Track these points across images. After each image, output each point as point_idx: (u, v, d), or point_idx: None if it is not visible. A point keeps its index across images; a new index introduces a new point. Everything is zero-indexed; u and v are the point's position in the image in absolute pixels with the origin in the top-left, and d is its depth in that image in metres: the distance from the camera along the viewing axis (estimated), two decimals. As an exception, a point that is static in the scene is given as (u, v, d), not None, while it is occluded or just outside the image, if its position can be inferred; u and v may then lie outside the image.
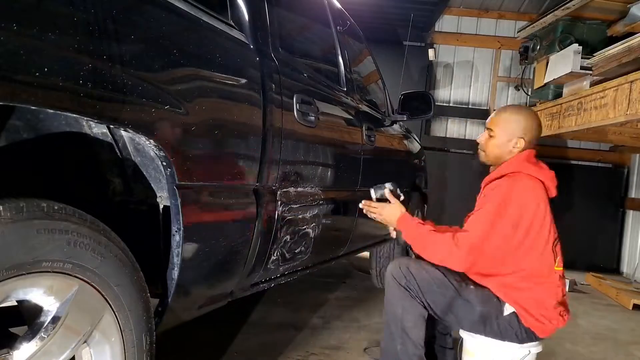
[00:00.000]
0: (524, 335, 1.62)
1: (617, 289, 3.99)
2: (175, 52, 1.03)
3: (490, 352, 1.69)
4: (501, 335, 1.64)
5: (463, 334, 1.76)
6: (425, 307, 1.67)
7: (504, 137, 1.69)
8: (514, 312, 1.61)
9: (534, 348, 1.68)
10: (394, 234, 1.77)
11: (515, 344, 1.64)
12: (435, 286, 1.64)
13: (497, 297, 1.63)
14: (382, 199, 1.71)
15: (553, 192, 1.69)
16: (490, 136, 1.73)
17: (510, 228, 1.56)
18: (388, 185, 1.71)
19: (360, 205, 1.77)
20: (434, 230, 1.64)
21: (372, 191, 1.74)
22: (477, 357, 1.73)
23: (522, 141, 1.68)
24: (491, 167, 1.80)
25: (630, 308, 3.62)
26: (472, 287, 1.67)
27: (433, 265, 1.65)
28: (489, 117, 1.78)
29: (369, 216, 1.76)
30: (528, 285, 1.62)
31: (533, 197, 1.60)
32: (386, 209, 1.69)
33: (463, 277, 1.69)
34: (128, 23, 0.91)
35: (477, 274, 1.69)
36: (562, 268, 1.67)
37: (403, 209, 1.68)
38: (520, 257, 1.61)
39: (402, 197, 1.75)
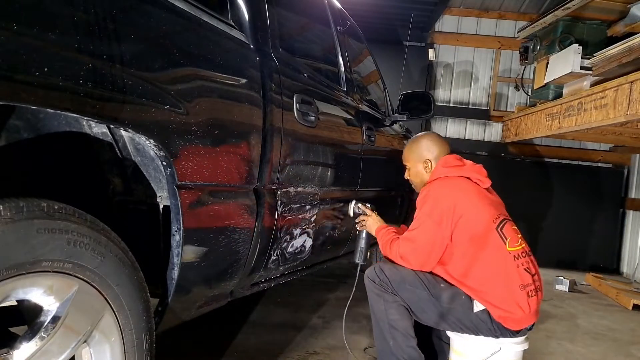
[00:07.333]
0: (496, 331, 1.66)
1: (617, 289, 4.00)
2: (175, 52, 1.03)
3: (476, 351, 1.71)
4: (476, 330, 1.69)
5: (450, 333, 1.79)
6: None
7: (415, 166, 2.00)
8: (484, 309, 1.67)
9: (519, 345, 1.70)
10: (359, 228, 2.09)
11: (491, 339, 1.68)
12: (408, 284, 1.72)
13: (467, 295, 1.70)
14: (358, 214, 2.08)
15: (485, 182, 1.87)
16: (409, 169, 2.05)
17: (435, 225, 1.71)
18: (369, 205, 2.07)
19: (356, 220, 2.09)
20: (398, 237, 1.87)
21: (351, 205, 2.08)
22: (464, 357, 1.75)
23: (429, 162, 1.95)
24: None
25: (630, 308, 3.63)
26: (442, 285, 1.73)
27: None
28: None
29: (357, 226, 2.09)
30: (486, 274, 1.66)
31: (448, 193, 1.76)
32: (369, 221, 2.02)
33: (435, 277, 1.76)
34: (128, 23, 0.91)
35: (447, 275, 1.74)
36: (517, 247, 1.72)
37: (381, 221, 2.00)
38: (467, 246, 1.69)
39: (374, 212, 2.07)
